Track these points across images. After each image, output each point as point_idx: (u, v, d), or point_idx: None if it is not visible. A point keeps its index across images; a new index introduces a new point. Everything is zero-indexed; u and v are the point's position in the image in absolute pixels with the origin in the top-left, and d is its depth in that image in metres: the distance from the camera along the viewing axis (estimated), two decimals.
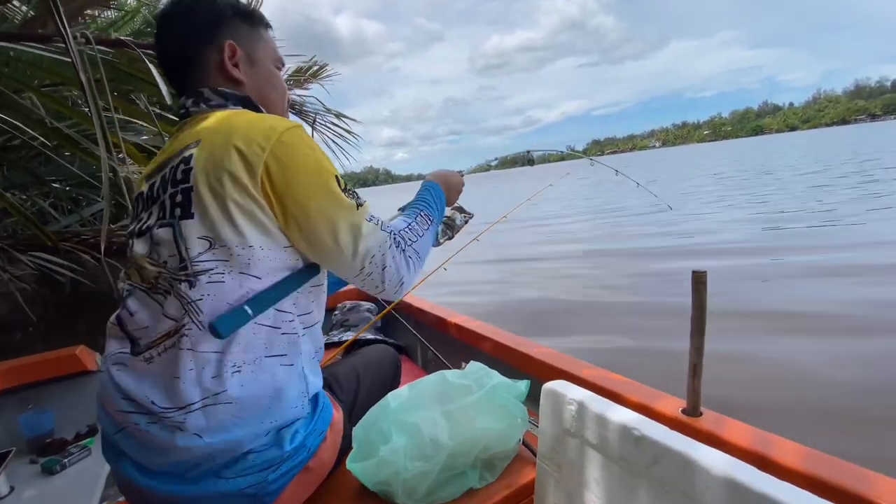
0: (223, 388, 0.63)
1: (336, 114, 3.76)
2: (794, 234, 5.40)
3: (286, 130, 0.69)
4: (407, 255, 0.76)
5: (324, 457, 0.74)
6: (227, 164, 0.66)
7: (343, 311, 1.81)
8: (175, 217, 0.67)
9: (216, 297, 0.64)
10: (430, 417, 0.76)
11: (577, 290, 4.23)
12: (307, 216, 0.68)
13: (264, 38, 0.84)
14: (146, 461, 0.67)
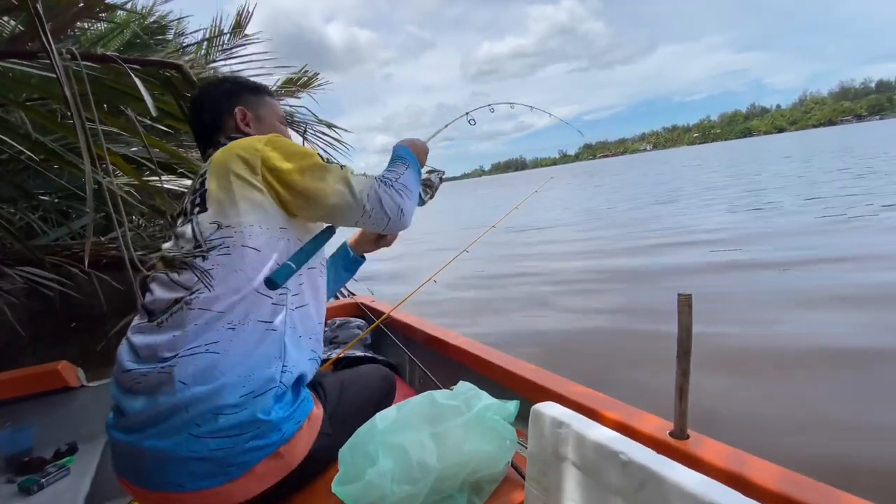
0: (216, 339, 0.76)
1: (327, 124, 3.77)
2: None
3: (270, 135, 0.93)
4: (396, 189, 0.93)
5: (297, 446, 0.81)
6: (232, 166, 0.87)
7: (332, 327, 1.79)
8: (194, 214, 0.88)
9: (224, 265, 0.81)
10: (417, 439, 0.75)
11: (573, 306, 4.12)
12: (305, 185, 0.87)
13: (268, 102, 1.11)
14: (138, 419, 0.76)
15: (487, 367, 1.20)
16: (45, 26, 1.06)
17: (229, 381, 0.74)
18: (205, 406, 0.73)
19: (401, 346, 1.54)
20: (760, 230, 5.89)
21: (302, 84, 4.57)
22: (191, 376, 0.74)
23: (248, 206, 0.85)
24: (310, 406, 0.86)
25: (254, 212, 0.85)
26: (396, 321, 1.68)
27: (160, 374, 0.74)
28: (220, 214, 0.84)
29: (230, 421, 0.73)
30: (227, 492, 0.76)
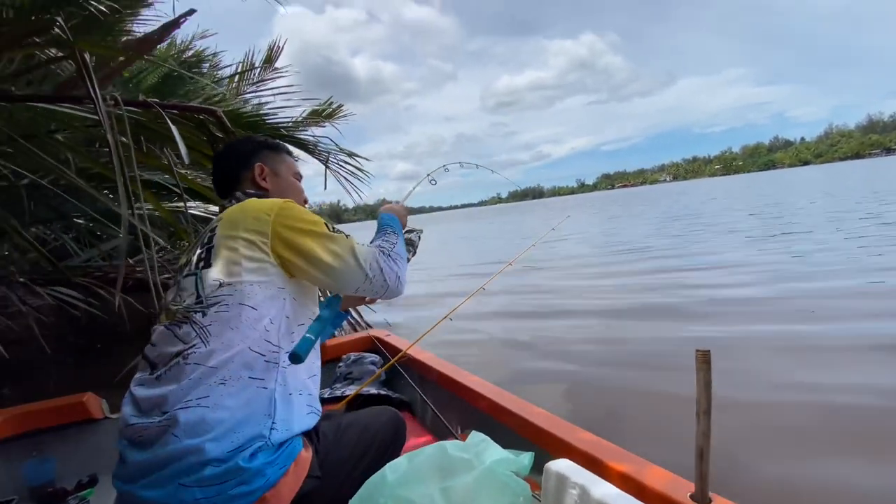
0: (206, 394, 0.79)
1: (348, 153, 3.87)
2: None
3: (283, 202, 0.97)
4: (392, 258, 1.01)
5: (283, 490, 0.82)
6: (242, 229, 0.92)
7: (347, 363, 1.78)
8: (199, 268, 0.92)
9: (221, 322, 0.85)
10: (427, 494, 0.74)
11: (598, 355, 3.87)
12: (315, 253, 0.92)
13: (285, 159, 1.20)
14: (135, 469, 0.79)
15: (501, 413, 1.17)
16: (92, 76, 1.14)
17: (217, 435, 0.77)
18: (194, 458, 0.76)
19: (414, 385, 1.53)
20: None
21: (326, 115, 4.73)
22: (183, 429, 0.77)
23: (251, 267, 0.89)
24: (297, 449, 0.87)
25: (256, 273, 0.89)
26: (412, 359, 1.66)
27: (159, 427, 0.78)
28: (223, 272, 0.89)
29: (215, 471, 0.76)
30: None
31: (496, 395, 1.23)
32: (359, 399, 1.49)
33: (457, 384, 1.39)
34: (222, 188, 1.15)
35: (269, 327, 0.87)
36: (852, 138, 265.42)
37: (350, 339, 1.96)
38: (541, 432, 1.03)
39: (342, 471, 0.93)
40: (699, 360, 0.71)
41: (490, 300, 5.27)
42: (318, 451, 0.92)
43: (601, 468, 0.86)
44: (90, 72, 1.26)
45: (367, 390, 1.54)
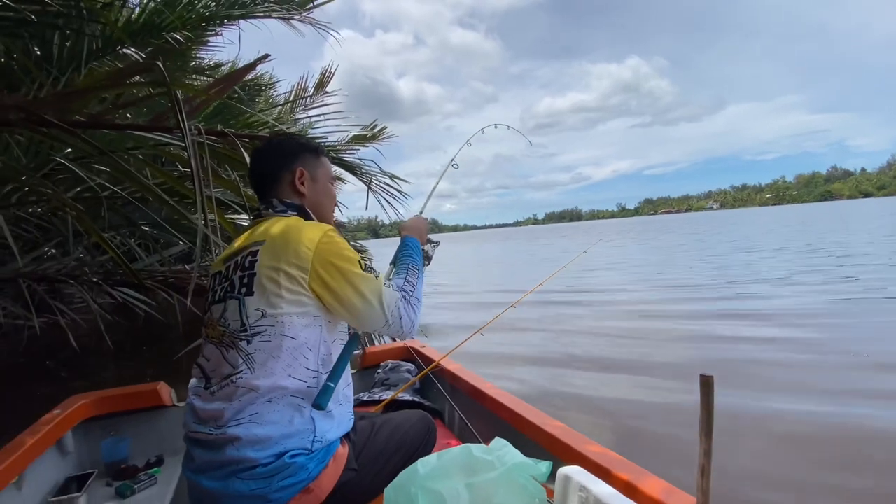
0: (256, 411, 0.91)
1: (390, 175, 4.09)
2: None
3: (324, 235, 1.01)
4: (412, 304, 1.08)
5: (323, 481, 0.94)
6: (284, 263, 0.97)
7: (385, 369, 1.91)
8: (241, 294, 0.98)
9: (264, 352, 0.93)
10: (453, 488, 0.83)
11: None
12: (345, 294, 0.99)
13: (324, 163, 1.22)
14: (200, 462, 0.94)
15: (523, 424, 1.26)
16: (182, 110, 1.34)
17: (266, 446, 0.90)
18: (248, 462, 0.89)
19: (445, 394, 1.63)
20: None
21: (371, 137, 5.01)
22: (237, 440, 0.89)
23: (291, 300, 0.95)
24: (335, 446, 0.99)
25: (295, 305, 0.96)
26: (444, 369, 1.77)
27: (217, 437, 0.91)
28: (265, 303, 0.95)
29: (265, 469, 0.89)
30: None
31: (519, 407, 1.32)
32: (394, 404, 1.61)
33: (483, 395, 1.49)
34: (259, 186, 1.17)
35: (307, 354, 0.96)
36: None
37: (389, 348, 2.10)
38: (557, 442, 1.11)
39: (377, 464, 1.05)
40: (703, 384, 0.78)
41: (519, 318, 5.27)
42: (354, 446, 1.04)
43: (610, 477, 0.92)
44: (181, 107, 1.47)
45: (402, 396, 1.66)
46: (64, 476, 1.47)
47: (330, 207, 1.24)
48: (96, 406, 1.63)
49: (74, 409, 1.56)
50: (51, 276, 3.17)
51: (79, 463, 1.59)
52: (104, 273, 3.67)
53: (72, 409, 1.55)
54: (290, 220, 1.06)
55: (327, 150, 1.28)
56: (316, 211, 1.16)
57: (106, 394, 1.67)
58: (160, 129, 1.88)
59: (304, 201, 1.15)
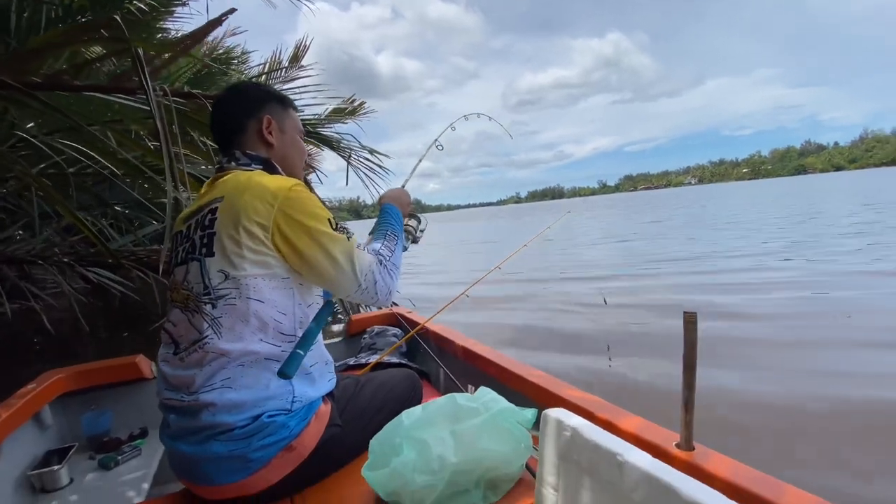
0: (228, 375, 0.87)
1: (369, 150, 4.01)
2: None
3: (288, 189, 0.93)
4: (389, 270, 1.02)
5: (306, 439, 0.93)
6: (244, 219, 0.89)
7: (371, 334, 1.92)
8: (202, 254, 0.92)
9: (231, 315, 0.88)
10: (438, 435, 0.83)
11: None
12: (311, 253, 0.92)
13: (292, 116, 1.14)
14: (176, 429, 0.91)
15: (511, 377, 1.27)
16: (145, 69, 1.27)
17: (244, 410, 0.87)
18: (225, 425, 0.86)
19: (432, 354, 1.64)
20: None
21: (349, 112, 4.88)
22: (212, 405, 0.86)
23: (254, 260, 0.89)
24: (317, 404, 0.96)
25: (259, 266, 0.89)
26: (430, 332, 1.78)
27: (190, 404, 0.88)
28: (227, 264, 0.88)
29: (243, 431, 0.87)
30: (251, 483, 0.89)
31: (504, 361, 1.34)
32: (380, 367, 1.61)
33: (468, 351, 1.51)
34: (221, 137, 1.08)
35: (280, 318, 0.91)
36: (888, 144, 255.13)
37: (375, 315, 2.10)
38: (541, 391, 1.12)
39: (362, 420, 1.05)
40: (686, 320, 0.78)
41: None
42: (337, 403, 1.03)
43: (594, 418, 0.94)
44: (143, 65, 1.39)
45: (388, 359, 1.66)
46: (43, 450, 1.44)
47: (299, 163, 1.15)
48: (74, 380, 1.59)
49: (51, 384, 1.52)
50: (20, 258, 3.05)
51: (59, 437, 1.57)
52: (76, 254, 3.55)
53: (48, 383, 1.51)
54: (252, 174, 0.98)
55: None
56: (284, 165, 1.09)
57: (84, 368, 1.64)
58: (122, 91, 1.79)
59: (272, 153, 1.07)
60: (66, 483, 1.32)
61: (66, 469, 1.33)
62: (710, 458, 0.79)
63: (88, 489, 1.31)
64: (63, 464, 1.33)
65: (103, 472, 1.39)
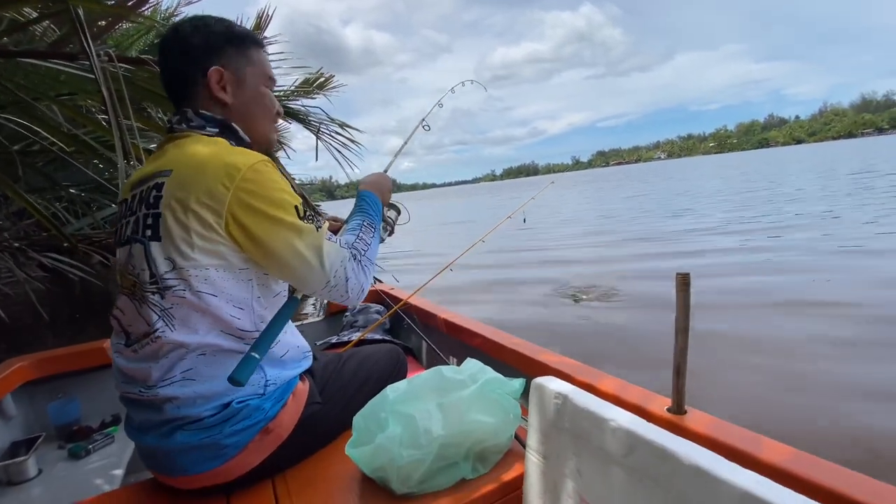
0: (189, 367, 0.79)
1: (340, 123, 3.86)
2: None
3: (249, 168, 0.78)
4: (363, 265, 0.90)
5: (284, 419, 0.87)
6: (193, 201, 0.76)
7: (353, 312, 1.88)
8: (146, 237, 0.80)
9: (182, 307, 0.78)
10: (424, 409, 0.80)
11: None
12: (273, 246, 0.79)
13: (254, 59, 0.93)
14: (140, 422, 0.84)
15: (496, 349, 1.26)
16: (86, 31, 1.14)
17: (211, 398, 0.80)
18: (191, 417, 0.80)
19: (416, 330, 1.62)
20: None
21: (318, 85, 4.68)
22: (174, 399, 0.79)
23: (205, 249, 0.77)
24: (294, 383, 0.90)
25: (212, 256, 0.78)
26: (413, 307, 1.75)
27: (150, 398, 0.80)
28: (174, 251, 0.77)
29: (213, 419, 0.81)
30: (227, 469, 0.84)
31: (490, 333, 1.32)
32: (363, 344, 1.58)
33: (452, 325, 1.48)
34: (171, 91, 0.92)
35: (238, 314, 0.81)
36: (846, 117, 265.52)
37: None
38: (530, 361, 1.11)
39: (344, 395, 1.01)
40: (679, 282, 0.76)
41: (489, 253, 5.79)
42: (316, 381, 0.99)
43: (585, 387, 0.93)
44: (83, 26, 1.26)
45: (371, 335, 1.63)
46: (8, 441, 1.37)
47: (266, 122, 0.97)
48: (38, 368, 1.51)
49: (12, 372, 1.43)
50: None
51: (25, 428, 1.49)
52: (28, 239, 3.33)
53: (9, 372, 1.42)
54: (206, 144, 0.83)
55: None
56: (245, 125, 0.92)
57: (47, 355, 1.55)
58: (63, 56, 1.63)
59: (228, 113, 0.90)
60: (35, 474, 1.26)
61: (33, 460, 1.27)
62: (702, 421, 0.78)
63: (58, 479, 1.25)
64: (30, 454, 1.26)
65: (74, 462, 1.33)
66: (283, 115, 1.01)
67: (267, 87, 0.96)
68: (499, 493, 0.82)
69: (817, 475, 0.64)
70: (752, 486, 0.46)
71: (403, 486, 0.79)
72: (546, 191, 2.13)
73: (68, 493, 1.17)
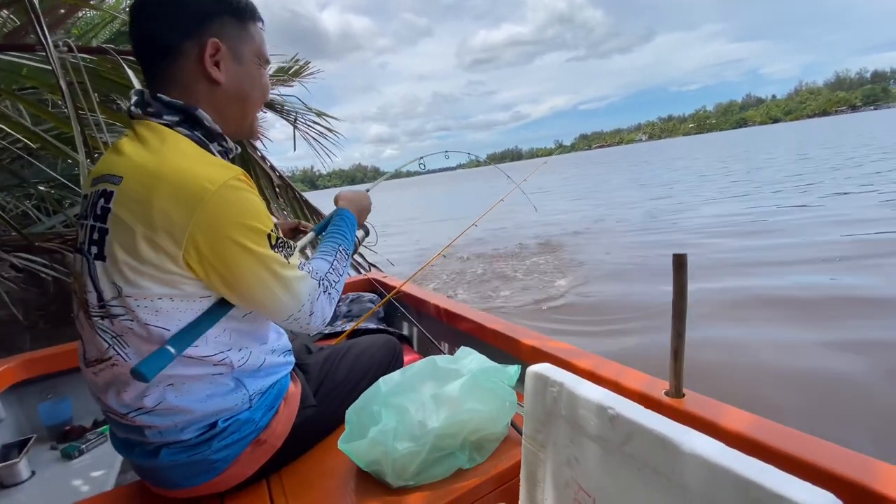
0: (161, 400, 0.72)
1: (317, 112, 3.76)
2: None
3: (220, 188, 0.66)
4: (331, 297, 0.83)
5: (276, 428, 0.83)
6: (146, 223, 0.65)
7: (346, 301, 1.86)
8: (91, 254, 0.69)
9: (135, 335, 0.69)
10: (418, 400, 0.79)
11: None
12: (240, 279, 0.70)
13: (252, 35, 0.81)
14: (122, 439, 0.80)
15: (491, 335, 1.24)
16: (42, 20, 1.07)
17: (192, 423, 0.75)
18: (175, 441, 0.76)
19: (411, 318, 1.60)
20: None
21: (293, 73, 4.53)
22: (152, 427, 0.74)
23: (158, 278, 0.67)
24: (284, 388, 0.86)
25: (164, 286, 0.67)
26: (407, 295, 1.72)
27: (128, 423, 0.75)
28: (120, 278, 0.67)
29: (200, 439, 0.77)
30: (220, 482, 0.81)
31: (484, 320, 1.31)
32: (357, 334, 1.55)
33: (447, 312, 1.47)
34: (143, 63, 0.77)
35: (197, 342, 0.71)
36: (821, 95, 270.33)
37: (350, 281, 2.01)
38: (525, 347, 1.09)
39: (340, 393, 0.98)
40: (675, 263, 0.74)
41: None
42: (309, 380, 0.96)
43: (581, 372, 0.92)
44: (38, 14, 1.18)
45: (365, 325, 1.60)
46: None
47: (255, 106, 0.85)
48: (25, 369, 1.46)
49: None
50: None
51: (16, 430, 1.45)
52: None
53: None
54: (167, 146, 0.69)
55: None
56: (230, 110, 0.79)
57: (35, 355, 1.50)
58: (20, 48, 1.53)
59: (213, 97, 0.77)
60: (28, 476, 1.24)
61: (25, 462, 1.24)
62: (701, 405, 0.77)
63: (52, 481, 1.23)
64: (21, 456, 1.23)
65: (67, 463, 1.31)
66: (268, 100, 0.89)
67: (262, 67, 0.84)
68: (496, 481, 0.82)
69: (824, 460, 0.63)
70: (755, 473, 0.45)
71: (399, 478, 0.77)
72: (538, 172, 2.11)
73: (63, 495, 1.16)
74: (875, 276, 3.11)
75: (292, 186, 3.40)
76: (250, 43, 0.80)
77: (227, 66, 0.77)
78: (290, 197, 3.34)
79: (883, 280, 3.00)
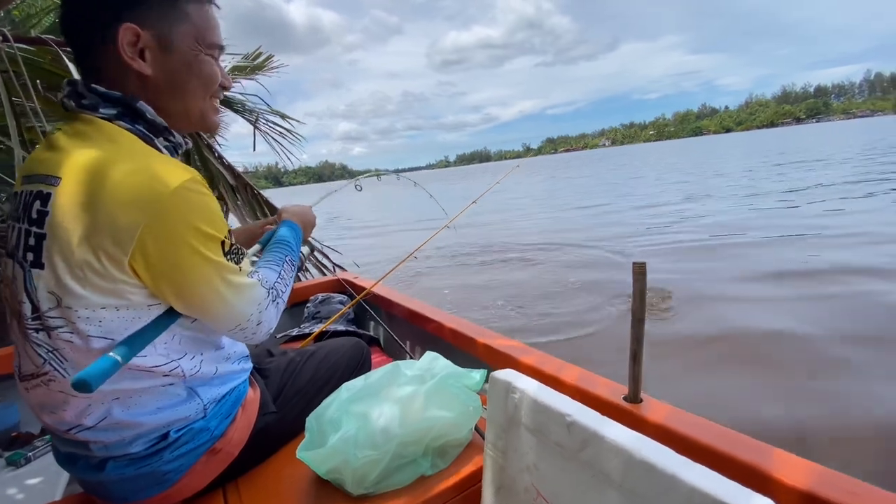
0: (105, 415, 0.67)
1: (280, 115, 3.66)
2: None
3: (174, 193, 0.61)
4: (278, 307, 0.80)
5: (233, 437, 0.80)
6: (90, 229, 0.60)
7: (315, 303, 1.81)
8: (27, 262, 0.64)
9: (75, 350, 0.64)
10: (380, 406, 0.78)
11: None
12: (190, 286, 0.66)
13: (191, 16, 0.71)
14: (65, 454, 0.75)
15: (459, 338, 1.24)
16: None
17: (141, 435, 0.71)
18: (121, 454, 0.71)
19: (380, 320, 1.58)
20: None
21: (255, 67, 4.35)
22: (97, 442, 0.69)
23: (100, 286, 0.62)
24: (242, 394, 0.82)
25: (107, 296, 0.62)
26: (377, 296, 1.70)
27: (71, 438, 0.70)
28: (57, 285, 0.61)
29: (149, 451, 0.72)
30: (172, 493, 0.77)
31: (453, 323, 1.30)
32: (326, 335, 1.51)
33: (416, 314, 1.45)
34: (77, 55, 0.70)
35: (144, 351, 0.66)
36: (768, 108, 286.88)
37: (319, 282, 1.97)
38: (492, 351, 1.10)
39: (302, 399, 0.95)
40: (636, 271, 0.76)
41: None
42: (270, 385, 0.92)
43: (545, 378, 0.93)
44: None
45: (333, 327, 1.56)
46: None
47: (195, 97, 0.75)
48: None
49: None
50: None
51: None
52: None
53: None
54: (110, 143, 0.64)
55: None
56: (170, 102, 0.72)
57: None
58: None
59: (146, 89, 0.69)
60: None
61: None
62: (657, 410, 0.79)
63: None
64: None
65: (13, 471, 1.23)
66: (229, 88, 0.81)
67: (209, 56, 0.74)
68: (458, 488, 0.81)
69: (768, 465, 0.65)
70: (701, 481, 0.46)
71: (359, 486, 0.76)
72: (511, 174, 2.13)
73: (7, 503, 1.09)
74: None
75: (251, 185, 3.29)
76: (185, 25, 0.70)
77: (154, 56, 0.69)
78: (249, 196, 3.22)
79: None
